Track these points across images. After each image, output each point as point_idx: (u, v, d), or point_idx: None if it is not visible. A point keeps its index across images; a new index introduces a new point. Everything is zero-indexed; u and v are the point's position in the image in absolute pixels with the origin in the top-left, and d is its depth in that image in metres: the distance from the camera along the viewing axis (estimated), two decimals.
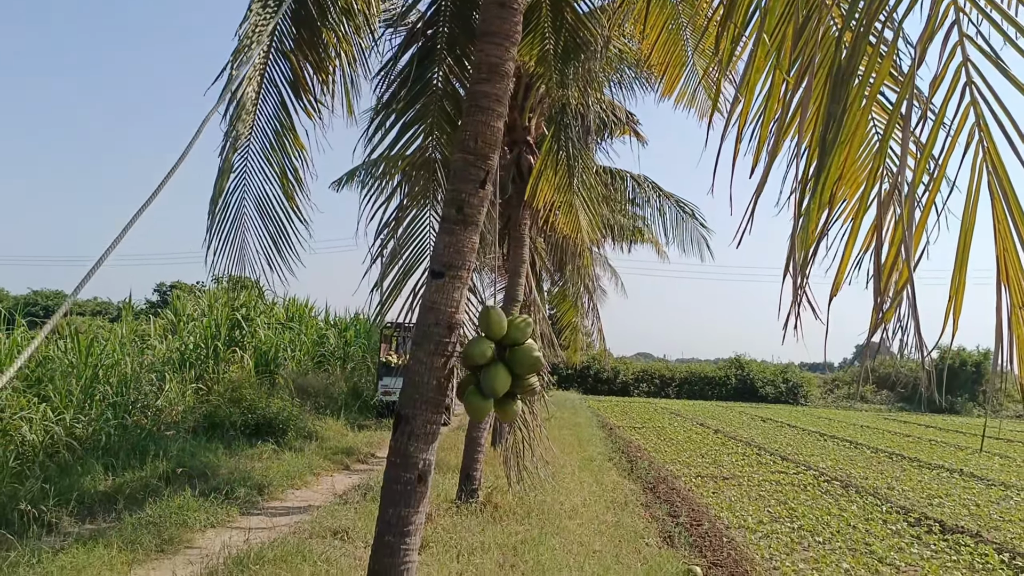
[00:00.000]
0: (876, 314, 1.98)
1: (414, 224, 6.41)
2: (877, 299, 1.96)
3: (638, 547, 7.29)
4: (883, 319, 1.98)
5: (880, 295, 1.95)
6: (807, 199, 2.13)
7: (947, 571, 6.88)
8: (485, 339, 3.99)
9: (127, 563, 5.97)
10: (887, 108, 3.46)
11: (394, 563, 4.24)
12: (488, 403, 4.02)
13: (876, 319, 1.98)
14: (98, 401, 10.66)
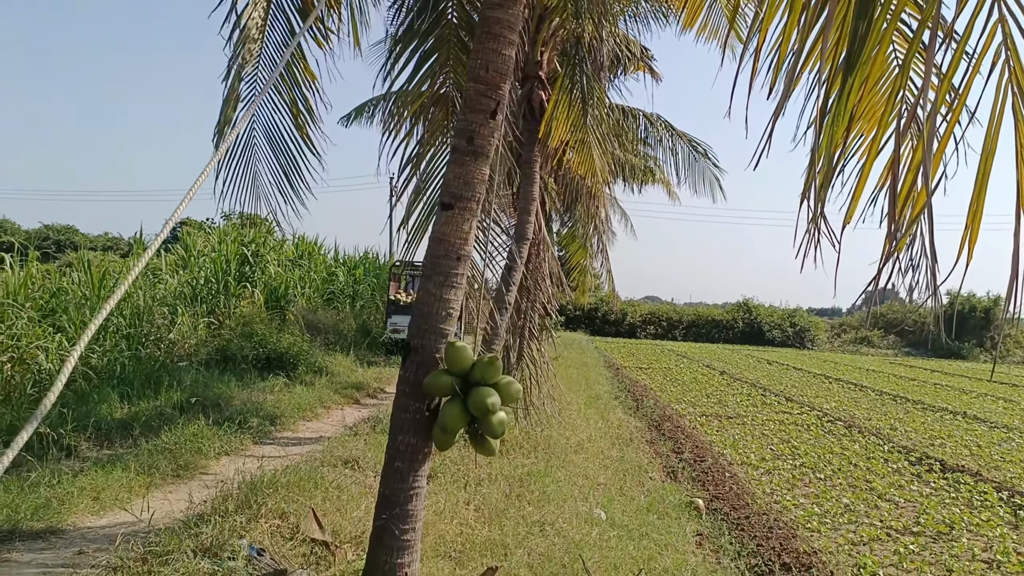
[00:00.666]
0: (889, 243, 1.96)
1: (435, 161, 6.35)
2: (891, 227, 1.94)
3: (642, 480, 7.44)
4: (896, 248, 1.96)
5: (894, 223, 1.93)
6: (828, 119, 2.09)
7: (946, 507, 7.01)
8: (446, 372, 3.94)
9: (144, 486, 6.15)
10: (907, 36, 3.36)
11: (403, 488, 4.34)
12: (448, 437, 3.97)
13: (889, 248, 1.96)
14: (112, 332, 10.82)
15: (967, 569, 5.32)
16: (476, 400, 3.83)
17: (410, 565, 4.33)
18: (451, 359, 4.00)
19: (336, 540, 5.11)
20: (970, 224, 1.84)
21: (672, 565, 4.87)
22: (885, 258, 1.97)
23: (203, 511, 5.13)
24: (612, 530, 5.50)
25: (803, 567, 5.06)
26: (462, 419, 3.88)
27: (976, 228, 1.84)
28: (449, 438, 3.99)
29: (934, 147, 1.75)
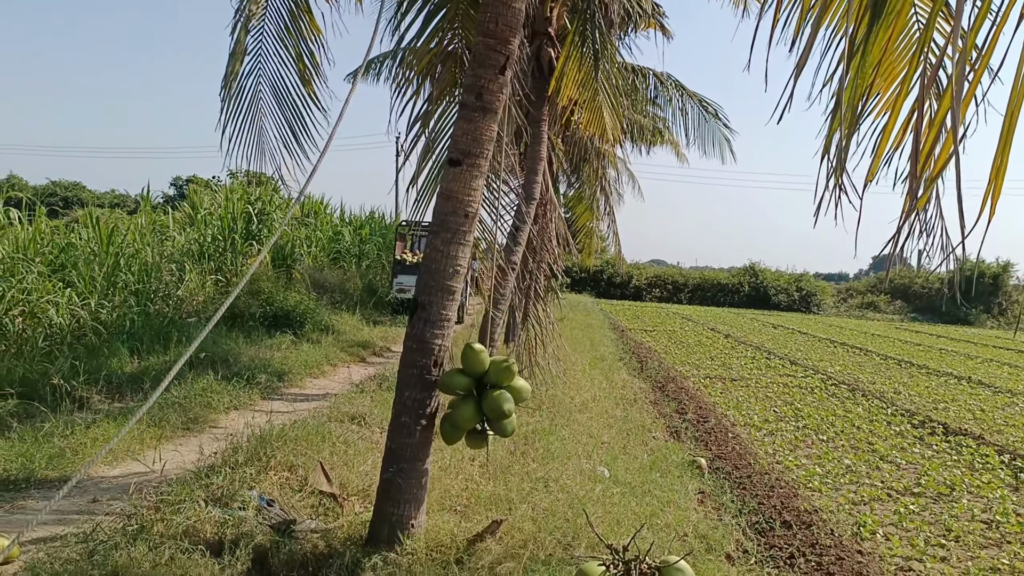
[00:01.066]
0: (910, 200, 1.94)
1: (444, 119, 6.28)
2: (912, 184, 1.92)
3: (645, 440, 7.51)
4: (916, 205, 1.94)
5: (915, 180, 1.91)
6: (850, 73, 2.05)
7: (947, 469, 7.07)
8: (461, 373, 4.14)
9: (155, 438, 6.25)
10: None
11: (410, 443, 4.41)
12: (457, 433, 4.19)
13: (909, 205, 1.95)
14: (121, 288, 10.89)
15: (966, 529, 5.38)
16: (493, 404, 4.05)
17: (416, 517, 4.42)
18: (468, 361, 4.16)
19: (343, 493, 5.20)
20: (993, 179, 1.82)
21: (674, 521, 4.94)
22: (905, 216, 1.95)
23: (214, 463, 5.21)
24: (615, 487, 5.57)
25: (803, 524, 5.13)
26: (474, 419, 4.14)
27: (1000, 183, 1.82)
28: (458, 434, 4.21)
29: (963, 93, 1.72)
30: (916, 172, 1.91)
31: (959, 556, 4.92)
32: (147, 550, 3.72)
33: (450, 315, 4.45)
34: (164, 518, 4.15)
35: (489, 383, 4.19)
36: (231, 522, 4.30)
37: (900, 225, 1.95)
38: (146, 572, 3.52)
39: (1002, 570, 4.67)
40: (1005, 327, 37.47)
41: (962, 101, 1.72)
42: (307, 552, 4.11)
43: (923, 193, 1.97)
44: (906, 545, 5.00)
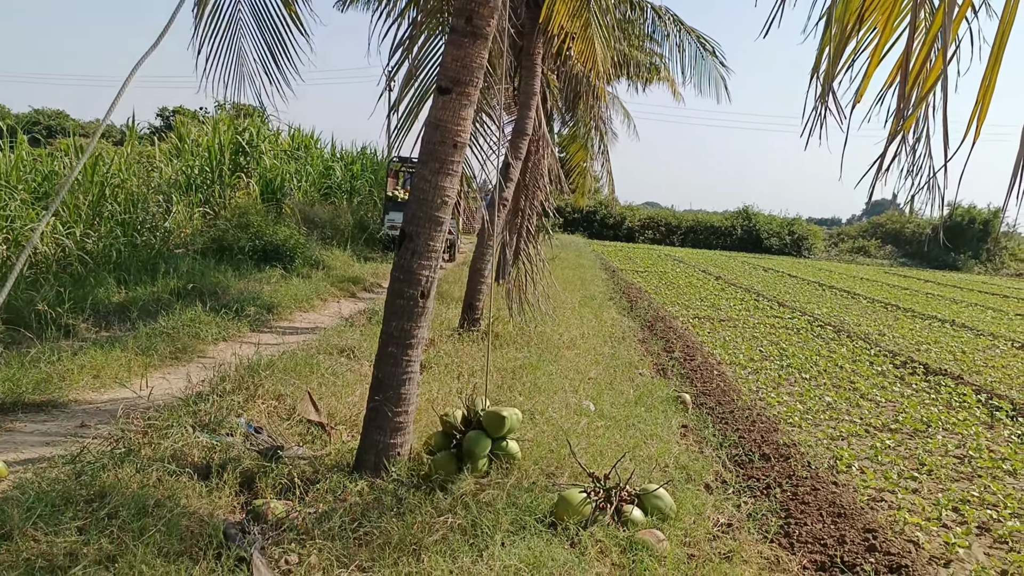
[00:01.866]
0: (897, 122, 1.91)
1: (428, 45, 6.11)
2: (900, 105, 1.88)
3: (631, 376, 7.60)
4: (903, 127, 1.91)
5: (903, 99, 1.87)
6: None
7: (925, 407, 7.21)
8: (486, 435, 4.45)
9: (143, 366, 6.28)
10: None
11: (396, 372, 4.44)
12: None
13: (896, 127, 1.91)
14: (107, 218, 10.78)
15: (939, 463, 5.52)
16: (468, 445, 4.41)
17: (403, 445, 4.49)
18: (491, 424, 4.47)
19: (331, 422, 5.26)
20: (981, 99, 1.79)
21: (656, 453, 5.04)
22: (891, 136, 1.92)
23: (202, 390, 5.25)
24: (600, 420, 5.66)
25: (781, 457, 5.24)
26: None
27: (987, 104, 1.79)
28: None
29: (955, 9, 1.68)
30: (904, 92, 1.87)
31: (930, 488, 5.05)
32: (134, 472, 3.77)
33: (437, 246, 4.43)
34: (152, 442, 4.20)
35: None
36: (219, 447, 4.35)
37: (885, 148, 1.92)
38: (133, 493, 3.57)
39: (971, 502, 4.81)
40: (992, 273, 37.78)
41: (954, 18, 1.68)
42: (295, 477, 4.17)
43: (911, 114, 1.93)
44: (880, 477, 5.13)
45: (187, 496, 3.74)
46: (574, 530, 3.69)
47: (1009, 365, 9.84)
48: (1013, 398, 7.71)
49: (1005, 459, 5.70)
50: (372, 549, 3.51)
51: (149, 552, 3.16)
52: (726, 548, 3.76)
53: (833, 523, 4.17)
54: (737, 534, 3.97)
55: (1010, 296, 22.79)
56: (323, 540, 3.54)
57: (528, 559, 3.37)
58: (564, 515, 3.79)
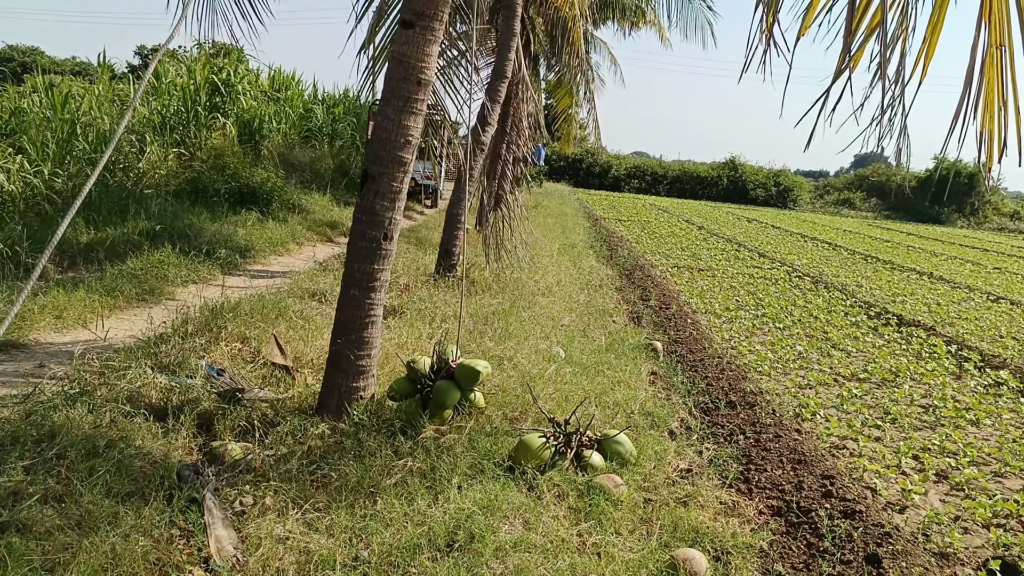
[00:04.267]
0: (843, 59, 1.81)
1: None
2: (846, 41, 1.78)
3: (605, 323, 7.58)
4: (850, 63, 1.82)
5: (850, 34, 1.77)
6: None
7: (895, 357, 7.26)
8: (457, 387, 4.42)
9: (108, 307, 6.17)
10: None
11: (359, 315, 4.38)
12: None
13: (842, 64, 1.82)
14: (76, 157, 10.49)
15: (904, 412, 5.57)
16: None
17: (365, 389, 4.45)
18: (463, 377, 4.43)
19: (297, 365, 5.21)
20: (928, 37, 1.70)
21: (622, 399, 5.03)
22: (837, 74, 1.82)
23: (164, 332, 5.17)
24: (569, 367, 5.64)
25: (747, 405, 5.26)
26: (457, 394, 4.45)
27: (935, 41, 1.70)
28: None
29: None
30: (851, 28, 1.77)
31: (893, 436, 5.10)
32: (87, 412, 3.71)
33: (401, 187, 4.31)
34: (108, 383, 4.13)
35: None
36: (178, 389, 4.29)
37: (830, 86, 1.83)
38: (85, 434, 3.52)
39: (932, 450, 4.86)
40: (975, 227, 37.97)
41: None
42: (254, 419, 4.13)
43: (857, 50, 1.84)
44: (843, 426, 5.17)
45: (141, 437, 3.69)
46: (531, 474, 3.69)
47: (982, 318, 9.91)
48: (983, 349, 7.77)
49: (969, 409, 5.76)
50: (329, 491, 3.50)
51: (97, 492, 3.12)
52: (684, 493, 3.77)
53: (792, 469, 4.20)
54: (696, 479, 3.99)
55: (990, 250, 22.93)
56: (279, 482, 3.52)
57: (483, 502, 3.36)
58: (523, 459, 3.78)
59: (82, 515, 2.99)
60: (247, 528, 3.16)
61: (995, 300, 11.62)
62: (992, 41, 1.71)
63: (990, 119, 1.81)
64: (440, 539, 3.11)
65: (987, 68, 1.74)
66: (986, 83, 1.76)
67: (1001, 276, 15.48)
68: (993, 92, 1.76)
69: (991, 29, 1.71)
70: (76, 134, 11.05)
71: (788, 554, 3.34)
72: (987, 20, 1.70)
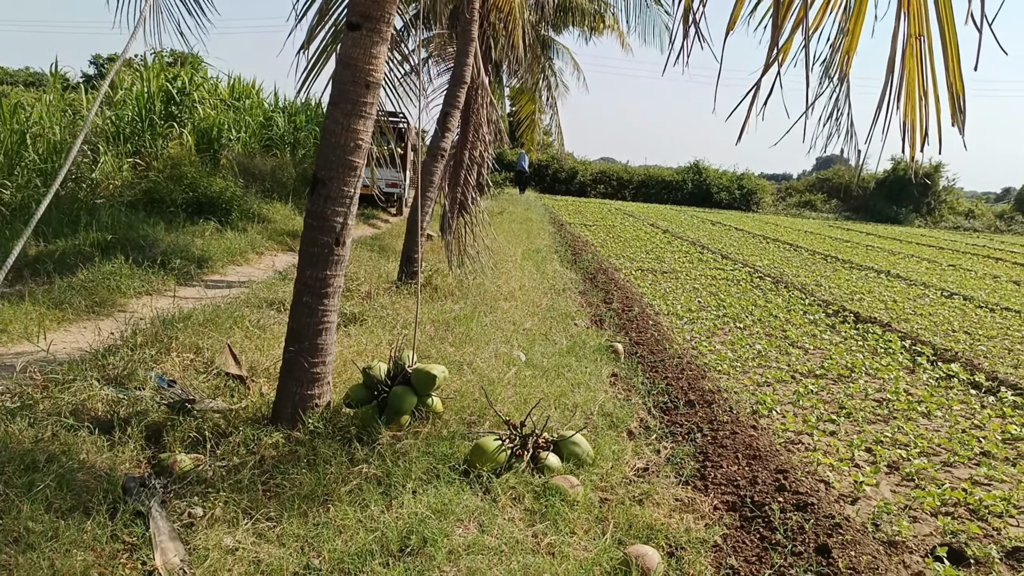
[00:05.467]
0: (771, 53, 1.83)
1: None
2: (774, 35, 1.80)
3: (567, 326, 7.59)
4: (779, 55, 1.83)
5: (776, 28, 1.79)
6: None
7: (851, 353, 7.38)
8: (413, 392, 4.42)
9: (56, 320, 6.02)
10: None
11: (312, 322, 4.32)
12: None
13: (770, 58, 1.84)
14: (25, 168, 10.24)
15: (858, 407, 5.65)
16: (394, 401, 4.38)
17: (320, 396, 4.39)
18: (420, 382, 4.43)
19: (252, 375, 5.12)
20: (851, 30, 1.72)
21: (582, 401, 5.04)
22: (765, 68, 1.84)
23: (112, 343, 5.05)
24: (529, 370, 5.64)
25: (705, 403, 5.30)
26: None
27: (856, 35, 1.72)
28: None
29: None
30: (778, 21, 1.79)
31: (847, 430, 5.18)
32: (27, 426, 3.60)
33: (351, 191, 4.27)
34: (51, 396, 4.02)
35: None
36: (125, 401, 4.19)
37: (759, 79, 1.85)
38: (24, 449, 3.41)
39: (884, 442, 4.94)
40: (932, 226, 38.89)
41: None
42: (205, 430, 4.05)
43: (785, 41, 1.86)
44: (799, 421, 5.24)
45: (85, 451, 3.59)
46: (487, 477, 3.67)
47: (936, 313, 10.13)
48: (935, 344, 7.94)
49: (921, 401, 5.87)
50: (282, 501, 3.44)
51: (37, 508, 3.03)
52: (640, 491, 3.78)
53: (748, 465, 4.23)
54: (653, 478, 4.00)
55: (945, 248, 23.49)
56: (230, 492, 3.45)
57: (436, 507, 3.33)
58: (478, 463, 3.76)
59: (20, 532, 2.90)
60: (195, 540, 3.09)
61: (949, 296, 11.90)
62: (912, 31, 1.75)
63: (912, 109, 1.85)
64: (393, 544, 3.07)
65: (907, 58, 1.78)
66: (907, 73, 1.79)
67: (955, 273, 15.86)
68: (914, 82, 1.80)
69: (910, 19, 1.75)
70: (26, 144, 10.80)
71: (741, 547, 3.36)
72: (906, 11, 1.73)
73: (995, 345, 8.23)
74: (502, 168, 38.21)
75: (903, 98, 1.82)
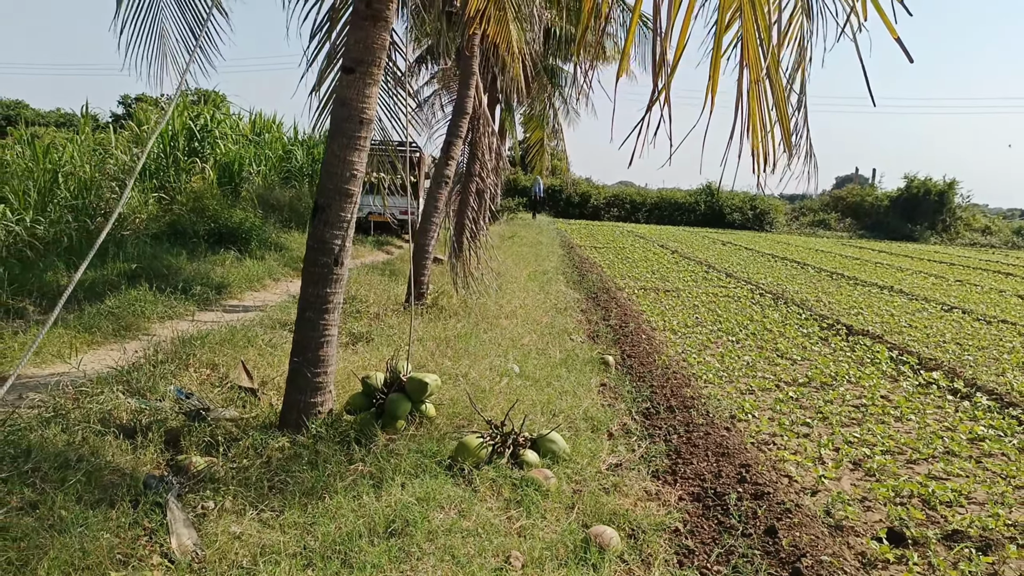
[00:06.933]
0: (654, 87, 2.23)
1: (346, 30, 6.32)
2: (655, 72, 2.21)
3: (563, 342, 7.96)
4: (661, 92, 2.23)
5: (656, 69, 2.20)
6: None
7: (837, 363, 7.66)
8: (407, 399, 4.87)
9: (86, 343, 6.52)
10: None
11: (314, 335, 4.76)
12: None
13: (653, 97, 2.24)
14: (57, 205, 10.88)
15: (835, 412, 5.95)
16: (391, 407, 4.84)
17: (323, 404, 4.81)
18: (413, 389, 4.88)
19: (263, 389, 5.56)
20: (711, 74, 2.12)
21: (567, 407, 5.41)
22: (649, 106, 2.25)
23: (136, 361, 5.52)
24: (520, 380, 6.02)
25: (685, 408, 5.64)
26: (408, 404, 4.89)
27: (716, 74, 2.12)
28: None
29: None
30: (655, 63, 2.20)
31: (820, 432, 5.48)
32: (60, 431, 4.05)
33: (348, 216, 4.73)
34: (81, 406, 4.48)
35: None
36: (147, 411, 4.64)
37: (645, 114, 2.24)
38: (58, 451, 3.86)
39: (853, 443, 5.24)
40: (947, 243, 38.75)
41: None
42: (219, 436, 4.47)
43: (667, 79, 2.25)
44: (774, 425, 5.55)
45: (111, 453, 4.03)
46: (468, 470, 4.04)
47: (931, 326, 10.35)
48: (921, 353, 8.19)
49: (897, 407, 6.16)
50: (285, 495, 3.84)
51: (68, 499, 3.46)
52: (610, 483, 4.14)
53: (716, 462, 4.57)
54: (624, 472, 4.35)
55: (956, 264, 23.53)
56: (239, 488, 3.86)
57: (420, 495, 3.72)
58: (462, 458, 4.14)
59: (54, 519, 3.32)
60: (206, 527, 3.49)
61: (948, 310, 12.09)
62: (752, 78, 2.14)
63: (757, 139, 2.23)
64: (380, 527, 3.45)
65: (751, 99, 2.17)
66: (751, 111, 2.18)
67: (961, 288, 16.00)
68: (756, 117, 2.18)
69: (751, 69, 2.15)
70: (58, 183, 11.47)
71: (699, 531, 3.70)
72: (747, 62, 2.13)
73: (983, 355, 8.45)
74: (516, 193, 38.87)
75: (751, 130, 2.20)
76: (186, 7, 5.41)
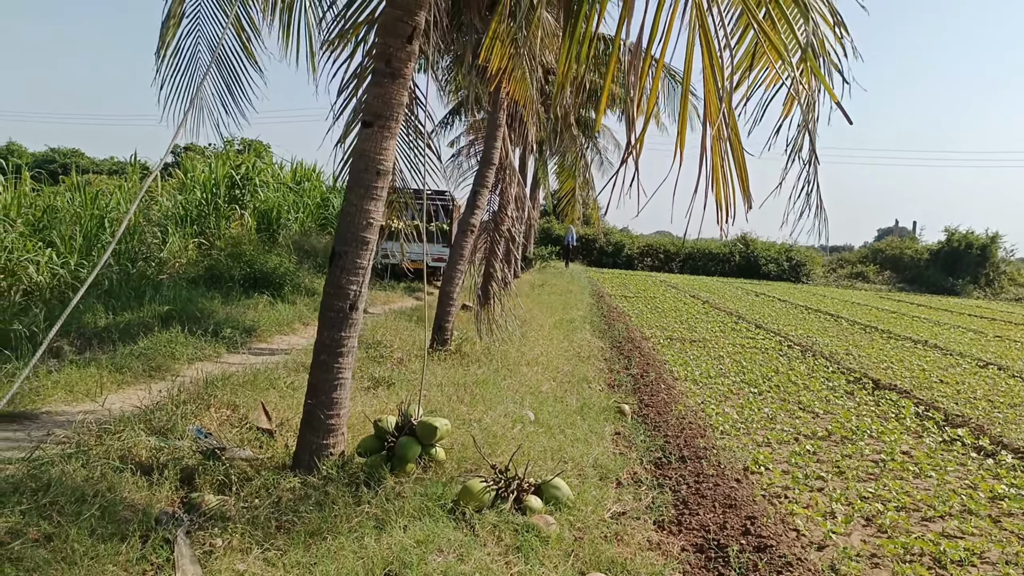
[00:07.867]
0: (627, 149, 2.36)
1: None
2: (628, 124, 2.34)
3: (582, 390, 7.99)
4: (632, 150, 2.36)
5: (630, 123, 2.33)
6: None
7: (860, 417, 7.54)
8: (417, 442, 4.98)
9: (116, 383, 6.75)
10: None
11: (328, 378, 4.90)
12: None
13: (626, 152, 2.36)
14: (99, 249, 11.35)
15: (852, 466, 5.86)
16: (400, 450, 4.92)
17: (335, 446, 4.92)
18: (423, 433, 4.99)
19: (282, 431, 5.70)
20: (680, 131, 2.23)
21: (577, 454, 5.43)
22: (623, 160, 2.36)
23: (159, 401, 5.71)
24: (534, 427, 6.06)
25: (696, 459, 5.61)
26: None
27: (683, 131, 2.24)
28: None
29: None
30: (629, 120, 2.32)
31: (835, 487, 5.40)
32: (80, 467, 4.22)
33: (364, 263, 4.90)
34: (102, 443, 4.65)
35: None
36: (166, 449, 4.80)
37: (619, 167, 2.36)
38: (77, 485, 4.02)
39: (867, 497, 5.15)
40: (991, 298, 37.80)
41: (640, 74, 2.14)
42: (232, 475, 4.60)
43: (640, 132, 2.38)
44: (788, 478, 5.49)
45: (128, 489, 4.18)
46: (470, 514, 4.09)
47: (963, 382, 10.12)
48: (948, 409, 8.02)
49: (917, 463, 6.04)
50: (291, 534, 3.93)
51: (82, 532, 3.59)
52: (612, 531, 4.14)
53: (723, 513, 4.54)
54: (629, 521, 4.35)
55: (997, 319, 22.94)
56: (247, 526, 3.96)
57: (420, 538, 3.77)
58: (463, 501, 4.20)
59: (67, 552, 3.46)
60: (212, 564, 3.59)
61: (983, 366, 11.80)
62: (714, 135, 2.26)
63: (719, 190, 2.33)
64: (377, 568, 3.51)
65: (713, 154, 2.28)
66: (714, 165, 2.29)
67: (1000, 343, 15.60)
68: (718, 171, 2.29)
69: (712, 127, 2.26)
70: (104, 227, 11.99)
71: None
72: (709, 120, 2.25)
73: (1015, 413, 8.24)
74: (550, 242, 39.19)
75: (714, 182, 2.31)
76: (222, 63, 5.75)
